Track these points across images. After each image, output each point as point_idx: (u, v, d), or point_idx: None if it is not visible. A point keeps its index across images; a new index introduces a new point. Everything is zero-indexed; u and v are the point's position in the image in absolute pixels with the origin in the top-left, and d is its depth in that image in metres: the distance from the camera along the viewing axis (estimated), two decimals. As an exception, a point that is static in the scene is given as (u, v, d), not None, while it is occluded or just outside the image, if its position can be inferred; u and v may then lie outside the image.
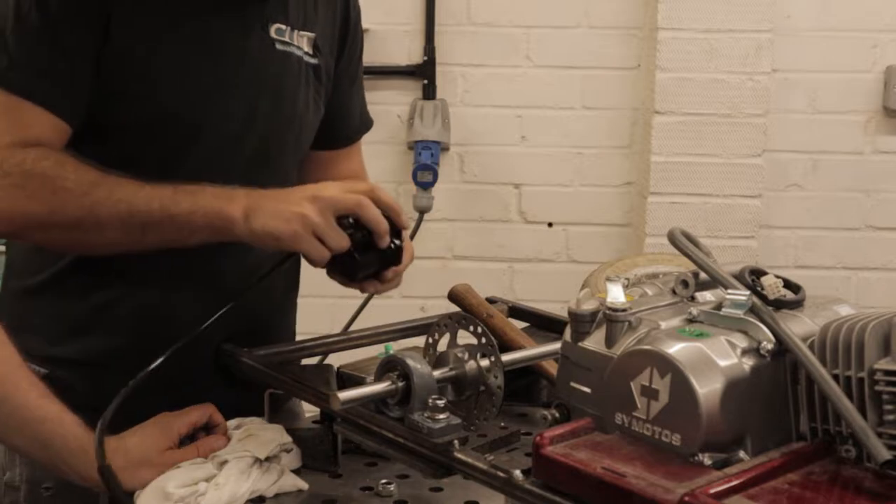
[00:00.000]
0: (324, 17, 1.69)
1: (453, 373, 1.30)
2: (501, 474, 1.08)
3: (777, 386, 1.04)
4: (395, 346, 1.56)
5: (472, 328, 1.31)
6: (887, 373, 0.95)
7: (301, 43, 1.63)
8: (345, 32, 1.75)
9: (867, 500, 0.93)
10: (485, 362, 1.29)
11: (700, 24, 3.01)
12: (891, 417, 0.95)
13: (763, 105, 3.05)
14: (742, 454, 1.01)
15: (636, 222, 3.21)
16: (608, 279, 1.12)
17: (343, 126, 1.79)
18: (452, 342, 1.33)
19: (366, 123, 1.88)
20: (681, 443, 1.00)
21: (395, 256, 1.47)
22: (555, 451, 1.01)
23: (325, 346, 1.59)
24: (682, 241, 1.12)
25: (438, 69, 3.18)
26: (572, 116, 3.21)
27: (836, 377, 0.99)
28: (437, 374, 1.28)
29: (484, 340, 1.29)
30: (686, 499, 0.90)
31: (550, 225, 3.27)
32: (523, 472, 1.05)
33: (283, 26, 1.60)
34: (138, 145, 1.51)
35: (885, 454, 0.94)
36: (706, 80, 3.03)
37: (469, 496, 1.29)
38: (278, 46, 1.59)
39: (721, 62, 3.02)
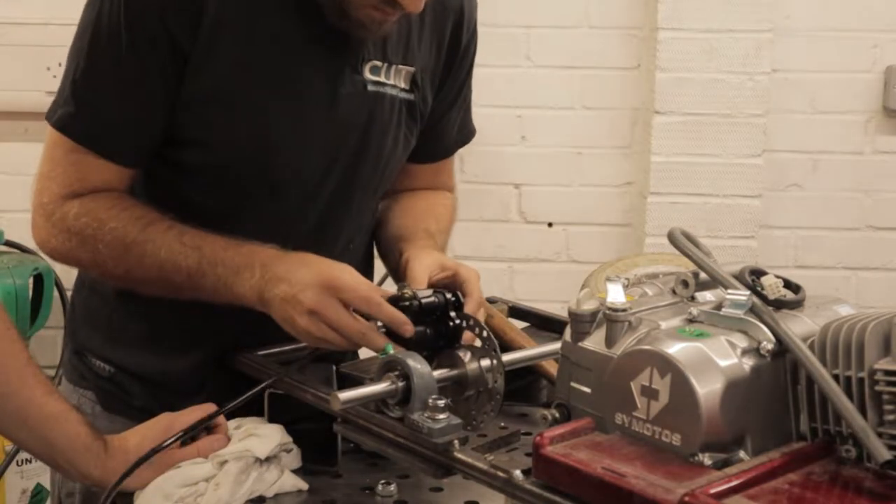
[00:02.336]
0: (428, 46, 1.62)
1: (454, 373, 1.30)
2: (501, 474, 1.08)
3: (777, 386, 1.04)
4: (395, 346, 1.56)
5: (475, 329, 1.31)
6: (887, 373, 0.95)
7: (397, 80, 1.57)
8: (452, 57, 1.66)
9: (867, 500, 0.93)
10: (486, 362, 1.29)
11: (700, 24, 3.01)
12: (891, 417, 0.95)
13: (763, 105, 3.05)
14: (742, 454, 1.01)
15: (636, 222, 3.21)
16: (608, 279, 1.12)
17: (436, 145, 1.75)
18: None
19: (464, 137, 1.80)
20: (681, 443, 1.00)
21: (451, 335, 1.34)
22: (555, 451, 1.01)
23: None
24: (682, 241, 1.12)
25: (438, 69, 3.17)
26: (572, 116, 3.21)
27: (836, 377, 0.99)
28: (437, 374, 1.28)
29: (484, 338, 1.29)
30: (686, 499, 0.90)
31: (550, 225, 3.27)
32: (523, 472, 1.05)
33: (380, 63, 1.54)
34: (210, 189, 1.51)
35: (886, 454, 0.94)
36: (706, 80, 3.03)
37: (469, 496, 1.29)
38: (370, 88, 1.53)
39: (721, 62, 3.02)
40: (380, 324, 1.34)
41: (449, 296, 1.35)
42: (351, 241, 1.64)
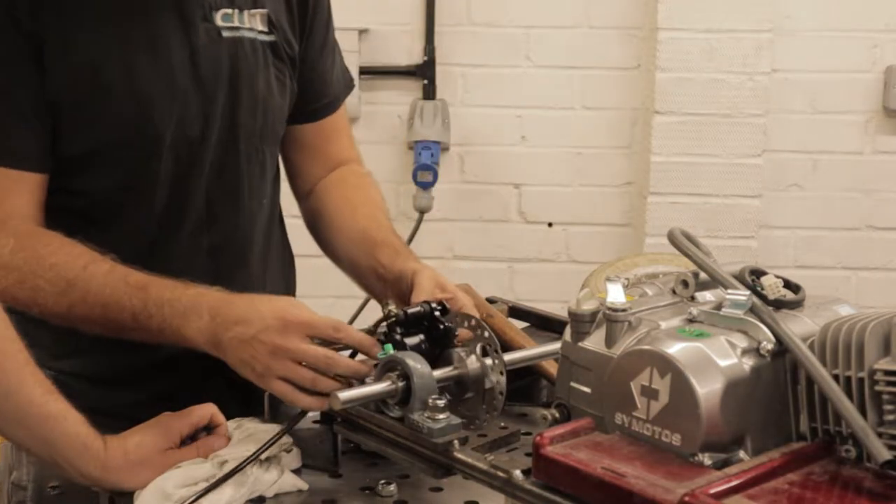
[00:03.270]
0: None
1: (455, 372, 1.30)
2: (501, 474, 1.08)
3: (777, 386, 1.04)
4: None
5: (476, 329, 1.31)
6: (887, 373, 0.95)
7: (253, 23, 1.57)
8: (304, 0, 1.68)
9: (867, 500, 0.93)
10: (487, 362, 1.29)
11: (700, 24, 3.01)
12: (891, 417, 0.95)
13: (763, 105, 3.06)
14: (742, 454, 1.01)
15: (636, 222, 3.21)
16: (608, 279, 1.12)
17: (319, 95, 1.73)
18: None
19: (339, 95, 1.78)
20: (681, 443, 1.00)
21: (443, 339, 1.34)
22: (555, 451, 1.01)
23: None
24: (682, 241, 1.12)
25: (438, 69, 3.18)
26: (572, 116, 3.21)
27: (836, 377, 0.99)
28: (439, 374, 1.28)
29: (486, 338, 1.29)
30: (686, 499, 0.90)
31: (550, 225, 3.27)
32: (523, 472, 1.05)
33: (230, 10, 1.55)
34: (102, 170, 1.49)
35: (885, 454, 0.94)
36: (706, 80, 3.04)
37: (469, 496, 1.29)
38: (226, 34, 1.54)
39: (721, 62, 3.03)
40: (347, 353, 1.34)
41: (433, 304, 1.35)
42: (263, 196, 1.64)
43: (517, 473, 1.06)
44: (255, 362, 1.32)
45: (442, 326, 1.33)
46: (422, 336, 1.33)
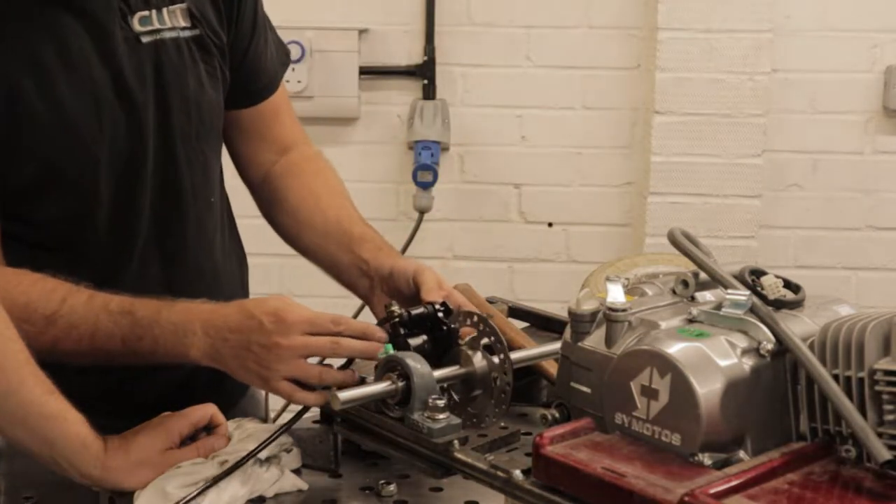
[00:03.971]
0: None
1: (462, 371, 1.30)
2: (501, 474, 1.08)
3: (777, 386, 1.04)
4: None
5: (480, 326, 1.31)
6: (887, 373, 0.95)
7: (174, 20, 1.51)
8: None
9: (867, 500, 0.93)
10: (494, 360, 1.29)
11: (700, 24, 3.01)
12: (891, 417, 0.95)
13: (763, 105, 3.05)
14: (742, 454, 1.01)
15: (636, 222, 3.21)
16: (608, 279, 1.12)
17: (251, 80, 1.67)
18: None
19: (275, 77, 1.73)
20: (681, 443, 1.00)
21: (446, 341, 1.34)
22: (555, 451, 1.01)
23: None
24: (682, 241, 1.12)
25: (438, 69, 3.18)
26: (572, 116, 3.21)
27: (836, 377, 0.99)
28: (446, 372, 1.28)
29: (493, 338, 1.29)
30: (686, 499, 0.90)
31: (550, 225, 3.27)
32: (523, 472, 1.06)
33: (146, 12, 1.48)
34: (42, 199, 1.44)
35: (885, 454, 0.94)
36: (706, 80, 3.03)
37: (469, 496, 1.29)
38: (145, 39, 1.47)
39: (721, 62, 3.02)
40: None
41: (437, 304, 1.35)
42: (210, 195, 1.61)
43: (517, 473, 1.06)
44: (258, 367, 1.30)
45: (445, 328, 1.33)
46: (425, 337, 1.33)
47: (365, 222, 1.67)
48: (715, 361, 1.01)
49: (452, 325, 1.34)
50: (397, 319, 1.33)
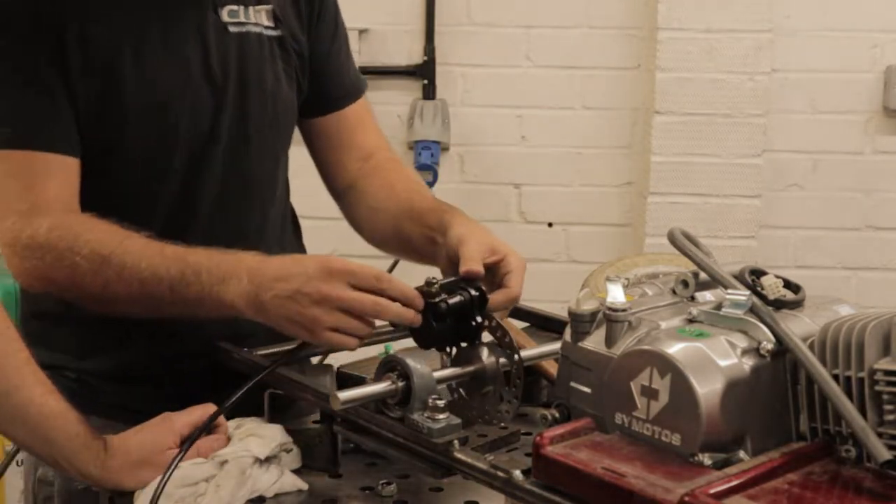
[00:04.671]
0: None
1: (472, 368, 1.30)
2: (501, 474, 1.08)
3: (777, 386, 1.04)
4: (395, 346, 1.56)
5: (488, 324, 1.31)
6: (887, 373, 0.95)
7: (259, 18, 1.61)
8: None
9: (867, 500, 0.93)
10: (504, 359, 1.29)
11: (700, 24, 3.01)
12: (891, 417, 0.95)
13: (763, 105, 3.06)
14: (742, 454, 1.01)
15: (636, 222, 3.21)
16: (608, 279, 1.12)
17: (335, 86, 1.75)
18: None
19: (358, 85, 1.81)
20: (681, 443, 1.00)
21: (472, 333, 1.33)
22: (555, 451, 1.01)
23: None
24: (682, 241, 1.12)
25: (438, 69, 3.18)
26: (572, 116, 3.21)
27: (836, 377, 0.99)
28: (456, 370, 1.29)
29: (500, 337, 1.29)
30: (686, 499, 0.90)
31: (550, 225, 3.27)
32: (523, 472, 1.05)
33: (235, 7, 1.58)
34: (116, 162, 1.51)
35: (886, 454, 0.94)
36: (706, 80, 3.04)
37: (469, 496, 1.29)
38: (232, 29, 1.57)
39: (721, 62, 3.02)
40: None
41: (474, 292, 1.33)
42: (275, 188, 1.67)
43: (517, 473, 1.06)
44: (302, 316, 1.31)
45: (474, 323, 1.32)
46: (449, 323, 1.32)
47: (439, 201, 1.69)
48: (715, 361, 1.01)
49: (479, 321, 1.32)
50: (434, 302, 1.32)
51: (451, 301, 1.32)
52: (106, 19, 1.47)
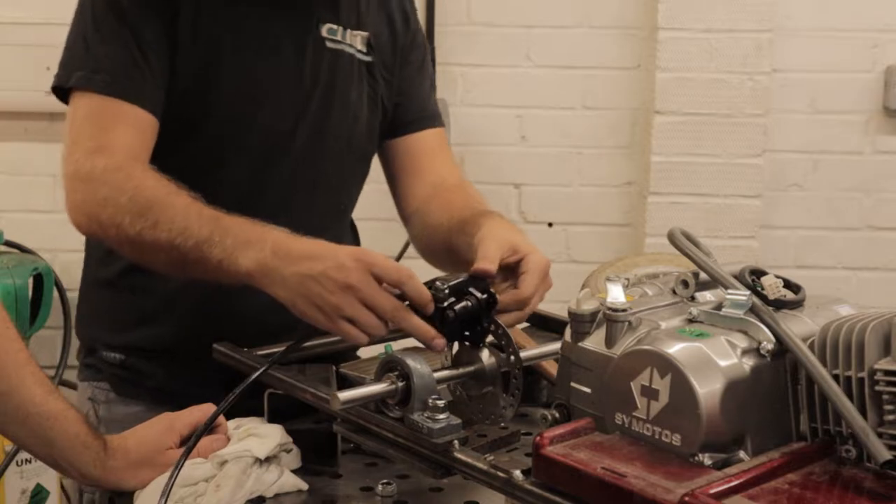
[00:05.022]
0: (377, 16, 1.75)
1: (472, 368, 1.30)
2: (501, 474, 1.08)
3: (777, 386, 1.04)
4: (395, 346, 1.56)
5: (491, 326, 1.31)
6: (887, 373, 0.95)
7: (354, 41, 1.69)
8: (405, 25, 1.79)
9: (867, 500, 0.93)
10: (504, 358, 1.29)
11: (700, 24, 3.01)
12: (891, 417, 0.95)
13: (763, 105, 3.05)
14: (742, 454, 1.01)
15: (636, 222, 3.21)
16: (608, 279, 1.12)
17: (414, 109, 1.80)
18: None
19: (437, 115, 1.86)
20: (681, 443, 1.00)
21: (477, 335, 1.32)
22: (555, 451, 1.01)
23: (326, 346, 1.59)
24: (682, 241, 1.12)
25: (438, 69, 3.17)
26: (572, 116, 3.21)
27: (836, 377, 0.99)
28: (456, 370, 1.29)
29: (500, 335, 1.29)
30: (686, 499, 0.90)
31: (550, 225, 3.27)
32: (523, 472, 1.05)
33: (335, 26, 1.67)
34: (193, 142, 1.58)
35: (886, 454, 0.94)
36: (706, 80, 3.03)
37: (469, 496, 1.29)
38: (329, 45, 1.65)
39: (721, 62, 3.02)
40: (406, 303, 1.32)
41: (482, 296, 1.31)
42: (342, 203, 1.74)
43: (517, 473, 1.06)
44: (323, 300, 1.30)
45: (479, 328, 1.31)
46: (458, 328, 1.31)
47: (487, 209, 1.68)
48: (715, 361, 1.01)
49: (486, 326, 1.31)
50: (444, 306, 1.30)
51: (458, 307, 1.31)
52: (216, 10, 1.57)
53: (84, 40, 1.54)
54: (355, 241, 1.84)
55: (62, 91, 1.56)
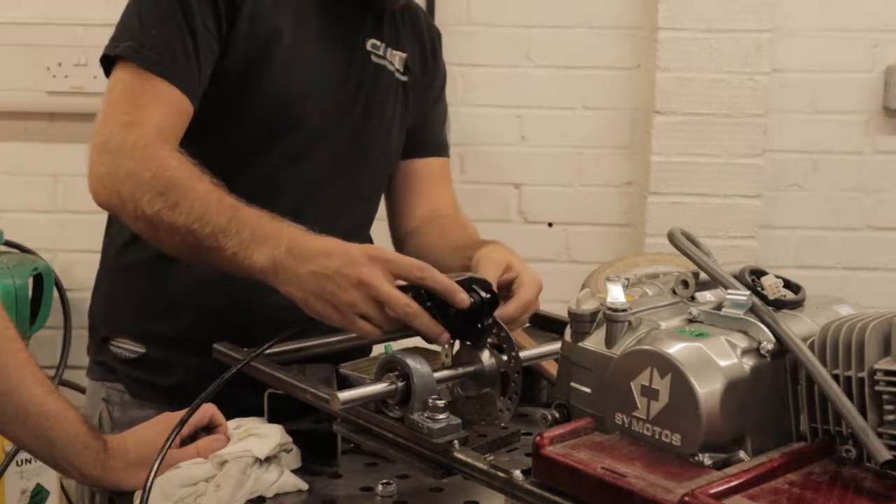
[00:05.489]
0: (411, 38, 1.83)
1: (472, 368, 1.30)
2: (501, 474, 1.08)
3: (777, 386, 1.04)
4: (395, 346, 1.56)
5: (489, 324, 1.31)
6: (887, 373, 0.95)
7: (394, 60, 1.78)
8: (433, 57, 1.90)
9: (867, 500, 0.93)
10: (503, 359, 1.29)
11: (700, 24, 3.01)
12: (891, 417, 0.95)
13: (763, 105, 3.05)
14: (742, 454, 1.01)
15: (636, 222, 3.21)
16: (608, 279, 1.12)
17: (431, 136, 1.89)
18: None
19: (445, 146, 1.95)
20: (681, 443, 1.00)
21: (477, 334, 1.31)
22: (555, 451, 1.01)
23: (325, 346, 1.59)
24: (682, 241, 1.12)
25: (438, 69, 3.17)
26: (572, 116, 3.21)
27: (836, 377, 0.99)
28: (456, 370, 1.29)
29: (502, 337, 1.29)
30: (686, 499, 0.90)
31: (550, 225, 3.27)
32: (523, 472, 1.05)
33: (379, 42, 1.74)
34: (237, 132, 1.62)
35: (886, 454, 0.94)
36: (706, 80, 3.03)
37: (469, 496, 1.29)
38: (374, 59, 1.73)
39: (721, 62, 3.02)
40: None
41: (485, 295, 1.30)
42: (365, 215, 1.79)
43: (517, 473, 1.06)
44: (336, 298, 1.30)
45: (480, 326, 1.30)
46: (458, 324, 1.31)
47: (485, 240, 1.73)
48: (715, 361, 1.01)
49: (483, 325, 1.30)
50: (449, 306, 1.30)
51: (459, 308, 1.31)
52: (275, 9, 1.61)
53: (139, 18, 1.56)
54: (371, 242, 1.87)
55: (108, 62, 1.57)
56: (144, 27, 1.55)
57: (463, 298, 1.29)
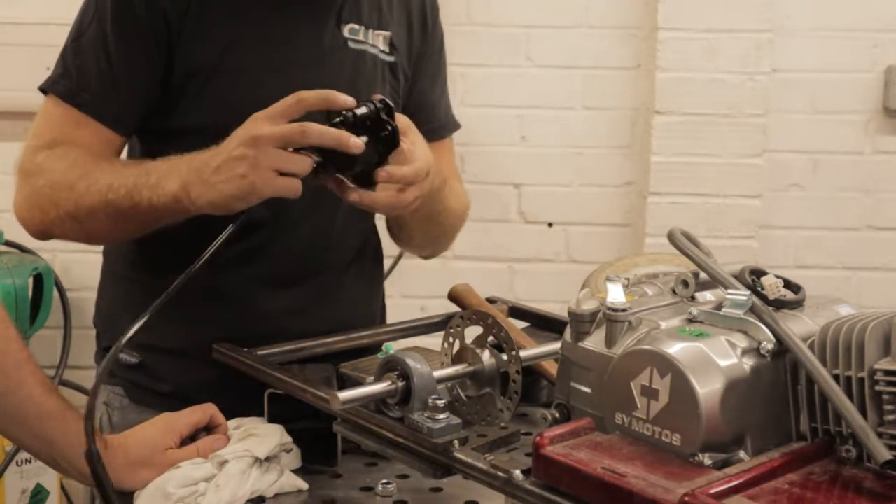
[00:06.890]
0: (399, 16, 1.75)
1: (471, 368, 1.30)
2: (501, 474, 1.08)
3: (777, 386, 1.04)
4: (395, 346, 1.56)
5: (487, 321, 1.31)
6: (887, 373, 0.95)
7: (377, 41, 1.69)
8: (422, 28, 1.80)
9: (867, 500, 0.93)
10: (503, 358, 1.29)
11: (700, 24, 3.01)
12: (891, 417, 0.95)
13: (763, 105, 3.05)
14: (742, 454, 1.01)
15: (636, 222, 3.21)
16: (608, 279, 1.12)
17: (427, 120, 1.79)
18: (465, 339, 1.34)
19: (451, 122, 1.89)
20: (681, 443, 1.00)
21: (390, 140, 1.37)
22: (555, 451, 1.01)
23: (325, 346, 1.59)
24: (682, 241, 1.12)
25: (439, 69, 3.17)
26: (572, 116, 3.21)
27: (836, 377, 0.99)
28: (456, 370, 1.29)
29: (502, 336, 1.29)
30: (686, 499, 0.90)
31: (550, 225, 3.27)
32: (523, 472, 1.05)
33: (357, 26, 1.66)
34: (204, 145, 1.55)
35: (886, 454, 0.94)
36: (706, 80, 3.03)
37: (469, 496, 1.29)
38: (351, 45, 1.64)
39: (721, 62, 3.02)
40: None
41: (378, 103, 1.36)
42: (363, 216, 1.72)
43: (517, 473, 1.06)
44: (242, 166, 1.33)
45: (389, 127, 1.35)
46: (366, 138, 1.35)
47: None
48: (715, 361, 1.01)
49: (395, 126, 1.35)
50: (340, 119, 1.34)
51: (359, 111, 1.35)
52: (227, 12, 1.54)
53: (66, 44, 1.56)
54: (378, 241, 1.82)
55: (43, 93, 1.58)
56: (67, 57, 1.55)
57: (356, 143, 1.33)
